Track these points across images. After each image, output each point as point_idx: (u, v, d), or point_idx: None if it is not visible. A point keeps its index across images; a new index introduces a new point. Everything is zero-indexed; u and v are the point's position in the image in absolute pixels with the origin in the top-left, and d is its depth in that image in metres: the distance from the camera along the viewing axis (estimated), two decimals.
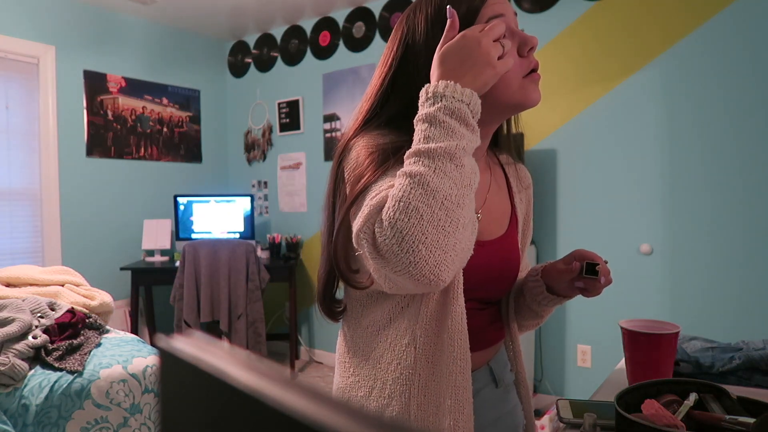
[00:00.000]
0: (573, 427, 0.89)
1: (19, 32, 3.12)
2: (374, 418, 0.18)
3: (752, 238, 2.37)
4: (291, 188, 3.97)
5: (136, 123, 3.72)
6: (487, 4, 0.75)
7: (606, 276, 0.83)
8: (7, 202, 3.11)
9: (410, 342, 0.75)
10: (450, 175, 0.62)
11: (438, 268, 0.61)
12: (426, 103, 0.66)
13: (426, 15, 0.76)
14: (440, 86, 0.65)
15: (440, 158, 0.62)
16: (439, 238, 0.60)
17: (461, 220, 0.62)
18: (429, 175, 0.61)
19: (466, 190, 0.63)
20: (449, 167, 0.62)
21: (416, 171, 0.61)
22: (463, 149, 0.63)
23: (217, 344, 0.25)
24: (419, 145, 0.63)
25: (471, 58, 0.65)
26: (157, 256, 3.65)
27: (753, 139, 2.36)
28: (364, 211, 0.65)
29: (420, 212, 0.60)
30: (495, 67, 0.66)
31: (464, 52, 0.66)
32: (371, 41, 3.52)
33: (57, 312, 1.77)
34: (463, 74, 0.65)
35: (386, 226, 0.61)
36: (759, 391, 0.97)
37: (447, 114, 0.63)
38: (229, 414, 0.22)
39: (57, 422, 1.46)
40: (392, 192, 0.62)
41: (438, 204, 0.60)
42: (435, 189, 0.60)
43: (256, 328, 3.29)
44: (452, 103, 0.64)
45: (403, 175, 0.62)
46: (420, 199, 0.60)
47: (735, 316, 2.41)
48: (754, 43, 2.35)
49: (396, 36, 0.80)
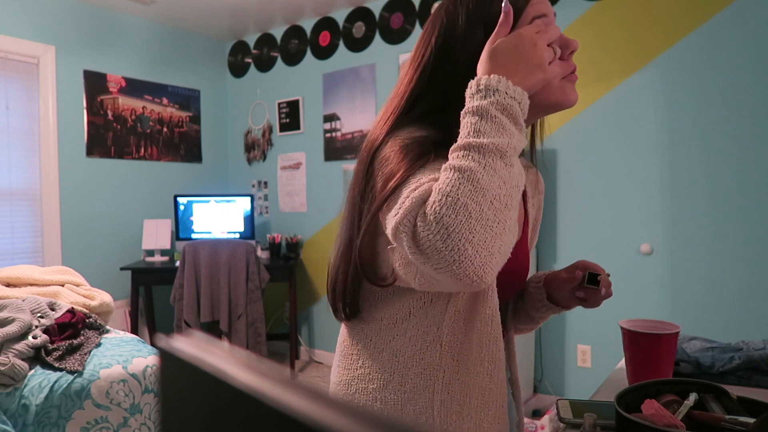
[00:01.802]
0: (573, 427, 0.89)
1: (19, 32, 3.12)
2: (374, 417, 0.18)
3: (752, 238, 2.37)
4: (291, 188, 3.97)
5: (136, 123, 3.72)
6: (531, 3, 0.74)
7: (607, 288, 0.84)
8: (7, 202, 3.11)
9: (435, 339, 0.75)
10: (500, 174, 0.60)
11: (483, 269, 0.58)
12: (476, 95, 0.64)
13: (467, 8, 0.75)
14: (493, 80, 0.63)
15: (491, 154, 0.60)
16: (486, 238, 0.58)
17: (508, 221, 0.60)
18: (479, 171, 0.58)
19: (514, 191, 0.61)
20: (499, 165, 0.60)
21: (466, 166, 0.59)
22: (514, 148, 0.62)
23: (217, 344, 0.25)
24: (469, 139, 0.61)
25: (525, 59, 0.64)
26: (157, 256, 3.65)
27: (753, 139, 2.36)
28: (404, 204, 0.62)
29: (469, 209, 0.57)
30: (545, 71, 0.65)
31: (518, 51, 0.65)
32: (371, 41, 3.52)
33: (57, 312, 1.77)
34: (514, 73, 0.64)
35: (431, 221, 0.58)
36: (759, 391, 0.97)
37: (499, 109, 0.62)
38: (229, 414, 0.22)
39: (57, 422, 1.46)
40: (438, 185, 0.59)
41: (487, 203, 0.58)
42: (485, 187, 0.58)
43: (256, 328, 3.29)
44: (505, 99, 0.62)
45: (450, 168, 0.60)
46: (469, 195, 0.57)
47: (735, 316, 2.41)
48: (754, 43, 2.35)
49: (433, 28, 0.78)
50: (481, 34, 0.73)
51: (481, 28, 0.73)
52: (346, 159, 3.65)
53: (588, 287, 0.83)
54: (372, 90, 3.52)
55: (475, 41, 0.72)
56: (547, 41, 0.66)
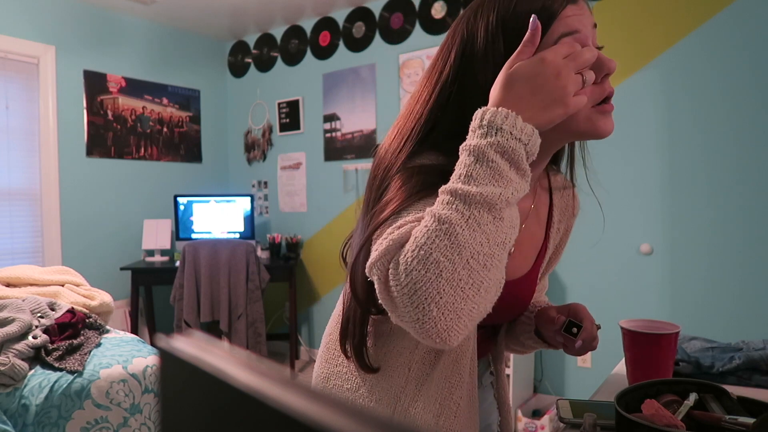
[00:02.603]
0: (573, 427, 0.89)
1: (19, 32, 3.12)
2: (374, 417, 0.18)
3: (752, 238, 2.37)
4: (291, 188, 3.97)
5: (136, 123, 3.72)
6: (560, 17, 0.63)
7: (588, 341, 0.81)
8: (7, 202, 3.11)
9: (405, 363, 0.74)
10: (484, 229, 0.53)
11: (447, 333, 0.53)
12: (477, 130, 0.56)
13: (487, 22, 0.66)
14: (499, 116, 0.55)
15: (478, 207, 0.53)
16: (455, 300, 0.52)
17: (485, 283, 0.54)
18: (460, 225, 0.52)
19: (498, 249, 0.54)
20: (486, 219, 0.53)
21: (446, 216, 0.52)
22: (507, 199, 0.54)
23: (217, 344, 0.25)
24: (457, 184, 0.54)
25: (543, 91, 0.56)
26: (157, 256, 3.65)
27: (753, 138, 2.36)
28: (382, 245, 0.56)
29: (440, 267, 0.51)
30: (567, 105, 0.56)
31: (538, 81, 0.56)
32: (371, 41, 3.52)
33: (57, 312, 1.77)
34: (528, 106, 0.56)
35: (401, 272, 0.53)
36: (759, 391, 0.97)
37: (498, 152, 0.54)
38: (229, 414, 0.22)
39: (57, 422, 1.46)
40: (415, 232, 0.54)
41: (462, 262, 0.52)
42: (462, 243, 0.52)
43: (256, 328, 3.29)
44: (507, 141, 0.54)
45: (431, 215, 0.54)
46: (443, 252, 0.51)
47: (735, 316, 2.41)
48: (754, 43, 2.35)
49: (452, 42, 0.69)
50: (503, 51, 0.65)
51: (501, 45, 0.65)
52: (346, 159, 3.65)
53: (565, 335, 0.81)
54: (372, 90, 3.52)
55: (496, 59, 0.64)
56: (575, 69, 0.57)
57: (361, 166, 3.56)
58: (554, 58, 0.56)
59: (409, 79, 3.33)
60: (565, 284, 2.81)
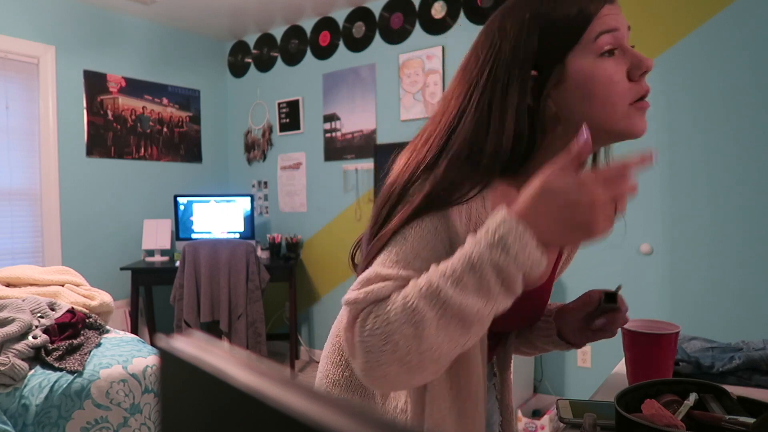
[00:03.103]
0: (573, 427, 0.89)
1: (19, 32, 3.12)
2: (374, 417, 0.18)
3: (752, 238, 2.37)
4: (291, 188, 3.97)
5: (136, 123, 3.72)
6: (600, 14, 0.64)
7: (624, 309, 0.80)
8: (7, 202, 3.11)
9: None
10: (451, 335, 0.55)
11: (382, 387, 0.59)
12: (485, 236, 0.55)
13: (521, 22, 0.65)
14: (512, 234, 0.54)
15: (452, 315, 0.54)
16: (399, 374, 0.56)
17: (430, 368, 0.57)
18: (429, 323, 0.54)
19: (455, 351, 0.57)
20: (454, 327, 0.55)
21: (421, 309, 0.54)
22: (483, 316, 0.55)
23: (217, 344, 0.25)
24: (445, 281, 0.55)
25: (573, 217, 0.53)
26: (157, 256, 3.65)
27: (753, 138, 2.36)
28: (364, 288, 0.59)
29: (397, 347, 0.55)
30: (591, 233, 0.54)
31: (570, 206, 0.53)
32: (371, 41, 3.52)
33: (57, 312, 1.77)
34: (551, 222, 0.54)
35: (366, 329, 0.56)
36: (759, 391, 0.97)
37: (496, 272, 0.54)
38: (229, 414, 0.22)
39: (57, 422, 1.46)
40: (392, 305, 0.56)
41: (419, 351, 0.55)
42: (425, 338, 0.54)
43: (256, 328, 3.29)
44: (509, 266, 0.53)
45: (412, 297, 0.55)
46: (405, 337, 0.54)
47: (735, 316, 2.41)
48: (754, 43, 2.35)
49: (483, 47, 0.68)
50: (535, 49, 0.64)
51: (535, 43, 0.64)
52: (346, 159, 3.65)
53: (608, 307, 0.79)
54: (372, 90, 3.52)
55: (526, 58, 0.64)
56: (611, 198, 0.54)
57: (361, 166, 3.56)
58: (592, 188, 0.53)
59: (409, 79, 3.33)
60: (565, 284, 2.81)
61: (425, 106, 3.25)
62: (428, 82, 3.24)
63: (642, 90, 0.65)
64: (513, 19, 0.66)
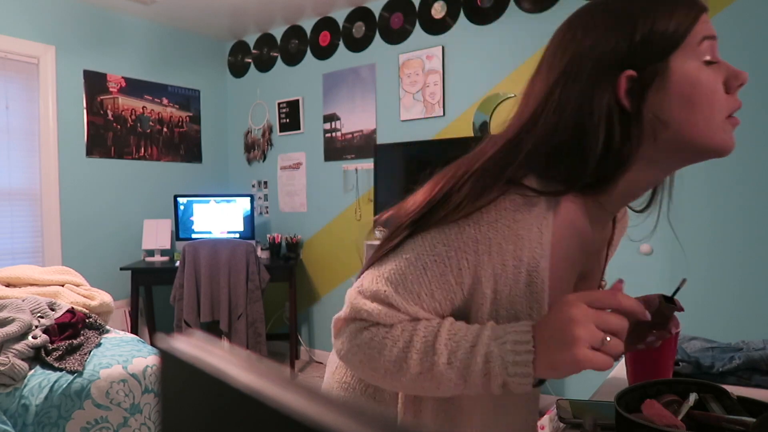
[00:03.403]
0: (573, 427, 0.89)
1: (19, 32, 3.12)
2: (374, 417, 0.18)
3: (752, 238, 2.37)
4: (291, 188, 3.97)
5: (136, 123, 3.72)
6: (700, 20, 0.59)
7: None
8: (7, 202, 3.11)
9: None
10: (422, 388, 0.62)
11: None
12: (496, 339, 0.57)
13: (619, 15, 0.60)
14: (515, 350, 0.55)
15: (433, 377, 0.59)
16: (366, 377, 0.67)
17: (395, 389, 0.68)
18: (410, 372, 0.60)
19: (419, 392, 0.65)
20: (428, 387, 0.61)
21: (411, 363, 0.60)
22: (455, 389, 0.60)
23: (217, 344, 0.25)
24: (440, 357, 0.58)
25: (558, 333, 0.54)
26: (157, 256, 3.65)
27: (753, 139, 2.36)
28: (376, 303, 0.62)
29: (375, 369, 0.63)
30: (575, 352, 0.53)
31: (557, 324, 0.55)
32: (371, 41, 3.52)
33: (57, 312, 1.77)
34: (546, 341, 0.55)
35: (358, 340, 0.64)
36: (759, 391, 0.97)
37: (486, 369, 0.56)
38: (229, 414, 0.22)
39: (57, 422, 1.46)
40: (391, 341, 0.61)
41: (390, 381, 0.63)
42: (399, 379, 0.61)
43: (256, 328, 3.29)
44: (499, 374, 0.56)
45: (412, 350, 0.60)
46: (386, 370, 0.62)
47: (735, 316, 2.41)
48: (754, 43, 2.35)
49: (573, 46, 0.62)
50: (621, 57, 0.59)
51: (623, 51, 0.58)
52: (346, 159, 3.65)
53: (669, 307, 0.76)
54: (372, 90, 3.52)
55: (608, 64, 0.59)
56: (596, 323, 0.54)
57: (361, 166, 3.56)
58: (577, 310, 0.54)
59: (409, 79, 3.33)
60: None
61: (425, 106, 3.25)
62: (428, 82, 3.24)
63: (736, 104, 0.61)
64: (611, 11, 0.61)
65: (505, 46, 2.97)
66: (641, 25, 0.58)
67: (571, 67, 0.60)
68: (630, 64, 0.58)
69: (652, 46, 0.58)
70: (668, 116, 0.59)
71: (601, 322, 0.54)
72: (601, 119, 0.58)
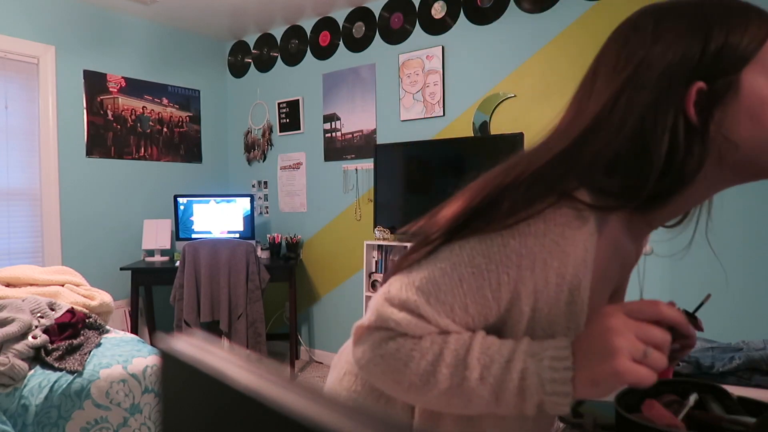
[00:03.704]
0: (573, 427, 0.88)
1: (19, 32, 3.12)
2: (374, 417, 0.18)
3: (752, 238, 2.37)
4: (291, 188, 3.97)
5: (136, 123, 3.72)
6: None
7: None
8: (6, 202, 3.11)
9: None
10: (451, 405, 0.58)
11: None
12: (533, 355, 0.54)
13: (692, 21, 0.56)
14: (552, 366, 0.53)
15: (462, 394, 0.56)
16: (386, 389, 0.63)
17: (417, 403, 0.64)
18: (439, 388, 0.57)
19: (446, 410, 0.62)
20: (456, 404, 0.58)
21: (440, 377, 0.56)
22: (486, 410, 0.57)
23: (217, 344, 0.25)
24: (473, 372, 0.55)
25: (596, 343, 0.52)
26: (157, 256, 3.65)
27: None
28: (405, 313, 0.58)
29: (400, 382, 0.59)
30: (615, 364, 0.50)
31: (595, 334, 0.53)
32: (371, 41, 3.52)
33: (57, 312, 1.77)
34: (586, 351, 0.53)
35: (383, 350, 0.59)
36: (759, 391, 0.97)
37: (520, 388, 0.53)
38: (229, 414, 0.22)
39: (57, 422, 1.46)
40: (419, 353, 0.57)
41: (414, 396, 0.60)
42: (426, 393, 0.58)
43: (256, 328, 3.29)
44: (539, 392, 0.53)
45: (442, 363, 0.56)
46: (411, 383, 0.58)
47: (735, 316, 2.41)
48: None
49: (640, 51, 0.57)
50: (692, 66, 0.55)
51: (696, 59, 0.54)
52: (346, 159, 3.65)
53: (692, 315, 0.74)
54: (372, 90, 3.52)
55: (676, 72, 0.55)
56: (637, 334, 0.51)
57: (361, 166, 3.56)
58: (616, 320, 0.52)
59: (409, 79, 3.33)
60: None
61: (425, 106, 3.25)
62: (428, 82, 3.24)
63: None
64: (681, 15, 0.57)
65: (505, 46, 2.97)
66: (717, 34, 0.54)
67: (637, 73, 0.57)
68: (701, 75, 0.55)
69: (727, 57, 0.54)
70: (736, 136, 0.56)
71: (642, 333, 0.51)
72: (665, 132, 0.55)
